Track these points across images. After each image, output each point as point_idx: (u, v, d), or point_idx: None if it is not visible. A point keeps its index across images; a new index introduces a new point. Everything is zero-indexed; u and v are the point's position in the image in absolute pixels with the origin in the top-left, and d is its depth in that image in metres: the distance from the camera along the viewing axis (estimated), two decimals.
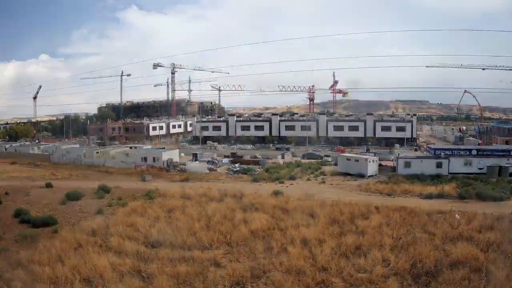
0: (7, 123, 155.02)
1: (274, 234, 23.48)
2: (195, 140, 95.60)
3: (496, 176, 41.99)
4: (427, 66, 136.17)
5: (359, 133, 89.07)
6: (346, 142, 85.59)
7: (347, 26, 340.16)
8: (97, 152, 61.63)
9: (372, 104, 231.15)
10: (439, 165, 44.44)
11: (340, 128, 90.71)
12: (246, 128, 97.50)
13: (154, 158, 55.58)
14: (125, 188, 38.72)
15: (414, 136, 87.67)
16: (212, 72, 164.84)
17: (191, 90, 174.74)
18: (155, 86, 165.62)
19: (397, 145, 76.85)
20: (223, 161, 58.15)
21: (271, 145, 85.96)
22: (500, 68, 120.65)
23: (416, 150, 72.04)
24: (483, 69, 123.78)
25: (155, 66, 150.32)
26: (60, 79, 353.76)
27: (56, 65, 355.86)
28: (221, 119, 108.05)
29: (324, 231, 23.33)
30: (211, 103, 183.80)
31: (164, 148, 65.92)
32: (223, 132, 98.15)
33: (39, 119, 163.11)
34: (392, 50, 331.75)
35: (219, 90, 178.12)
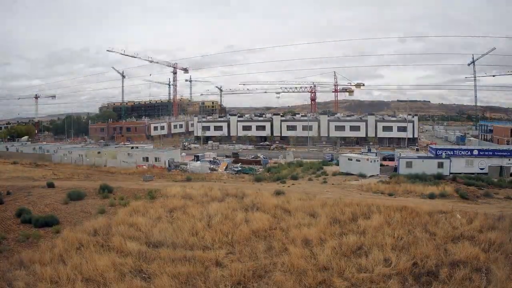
0: (8, 123, 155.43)
1: (276, 234, 23.49)
2: (197, 139, 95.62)
3: (497, 176, 41.97)
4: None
5: (361, 133, 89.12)
6: (348, 142, 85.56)
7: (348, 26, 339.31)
8: (99, 152, 61.76)
9: (373, 104, 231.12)
10: (440, 165, 44.46)
11: (342, 128, 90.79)
12: (248, 128, 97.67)
13: (155, 158, 55.70)
14: (126, 188, 38.80)
15: (416, 136, 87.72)
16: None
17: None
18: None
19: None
20: (224, 160, 58.20)
21: (271, 146, 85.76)
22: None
23: (417, 150, 72.00)
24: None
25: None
26: None
27: None
28: (223, 119, 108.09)
29: (325, 231, 23.33)
30: (212, 103, 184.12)
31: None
32: (224, 132, 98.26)
33: (40, 119, 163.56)
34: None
35: (221, 90, 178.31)
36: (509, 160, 45.61)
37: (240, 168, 52.22)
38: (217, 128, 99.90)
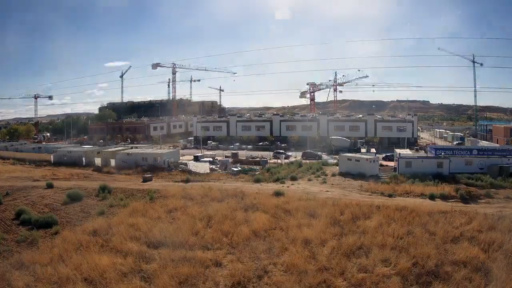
0: (8, 123, 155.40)
1: (276, 234, 23.53)
2: (196, 140, 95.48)
3: (496, 176, 41.95)
4: (438, 49, 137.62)
5: (360, 133, 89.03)
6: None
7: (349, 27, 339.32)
8: (98, 153, 61.66)
9: (373, 104, 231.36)
10: (440, 165, 44.43)
11: (341, 128, 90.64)
12: (247, 128, 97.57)
13: (155, 158, 55.62)
14: (126, 188, 38.75)
15: (415, 136, 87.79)
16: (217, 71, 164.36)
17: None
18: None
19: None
20: (224, 161, 58.11)
21: (270, 147, 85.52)
22: None
23: (417, 150, 71.95)
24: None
25: (155, 66, 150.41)
26: None
27: None
28: (222, 119, 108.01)
29: (325, 231, 23.37)
30: (212, 103, 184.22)
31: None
32: (224, 132, 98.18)
33: (40, 119, 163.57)
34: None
35: (220, 90, 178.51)
36: (509, 160, 45.62)
37: (239, 168, 52.15)
38: (217, 128, 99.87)
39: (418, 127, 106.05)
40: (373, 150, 67.84)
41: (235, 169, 51.90)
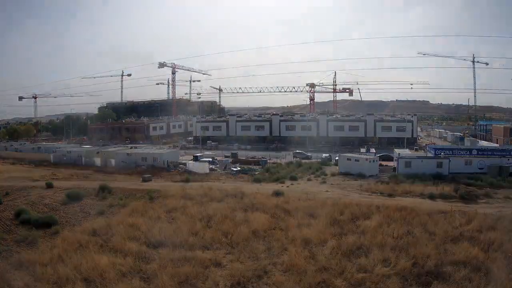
0: (7, 123, 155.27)
1: (275, 234, 23.54)
2: (195, 140, 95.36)
3: (496, 176, 41.96)
4: (418, 53, 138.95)
5: (360, 133, 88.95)
6: (347, 142, 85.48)
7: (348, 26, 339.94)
8: (98, 152, 61.64)
9: (372, 104, 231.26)
10: (439, 165, 44.44)
11: (341, 128, 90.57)
12: (247, 128, 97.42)
13: (154, 158, 55.60)
14: (126, 188, 38.71)
15: (415, 136, 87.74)
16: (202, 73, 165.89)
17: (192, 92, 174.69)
18: (157, 84, 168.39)
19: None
20: (223, 161, 58.11)
21: (270, 146, 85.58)
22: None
23: (416, 150, 71.93)
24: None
25: (161, 65, 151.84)
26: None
27: None
28: (222, 119, 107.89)
29: (325, 231, 23.37)
30: (211, 103, 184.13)
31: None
32: (223, 132, 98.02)
33: (39, 119, 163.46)
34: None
35: (220, 90, 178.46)
36: (508, 159, 45.64)
37: (239, 168, 52.14)
38: (216, 128, 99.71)
39: (418, 127, 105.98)
40: (373, 150, 67.79)
41: (234, 169, 51.89)
